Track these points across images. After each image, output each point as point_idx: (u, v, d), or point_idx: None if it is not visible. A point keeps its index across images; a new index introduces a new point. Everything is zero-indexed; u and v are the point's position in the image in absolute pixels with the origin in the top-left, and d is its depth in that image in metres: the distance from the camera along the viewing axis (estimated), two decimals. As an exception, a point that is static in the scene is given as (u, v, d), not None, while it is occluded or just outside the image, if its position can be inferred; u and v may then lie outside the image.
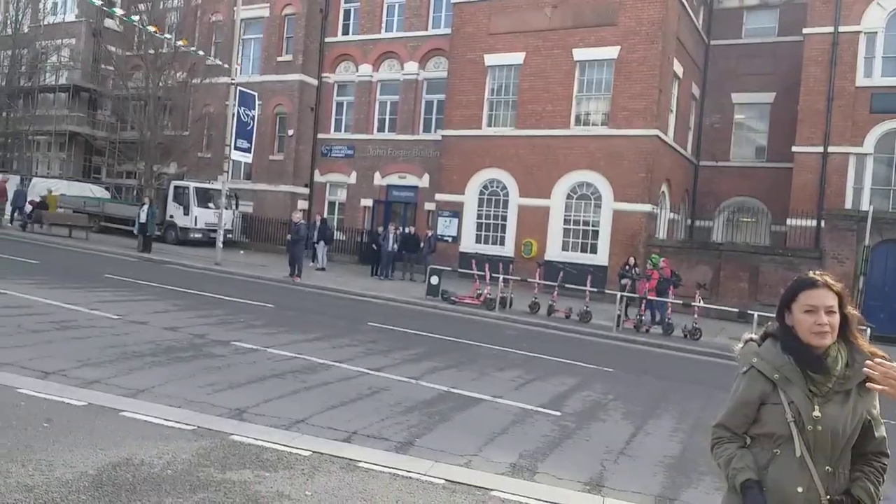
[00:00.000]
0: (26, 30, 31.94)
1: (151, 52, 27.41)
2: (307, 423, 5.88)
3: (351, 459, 4.95)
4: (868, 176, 19.98)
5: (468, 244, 23.36)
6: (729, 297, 18.78)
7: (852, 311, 2.21)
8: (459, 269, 19.55)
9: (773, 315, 2.36)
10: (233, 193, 25.76)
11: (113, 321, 9.53)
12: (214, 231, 22.22)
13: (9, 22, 31.81)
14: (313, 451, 5.03)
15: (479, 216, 23.53)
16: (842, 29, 19.99)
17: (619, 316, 14.63)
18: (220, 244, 20.20)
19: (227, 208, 22.23)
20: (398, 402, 6.89)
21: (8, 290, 10.95)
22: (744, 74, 24.76)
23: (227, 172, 21.24)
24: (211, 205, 25.73)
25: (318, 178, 28.40)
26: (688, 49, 23.57)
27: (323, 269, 21.24)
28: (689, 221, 25.85)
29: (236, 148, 20.42)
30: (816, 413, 2.13)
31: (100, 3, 22.46)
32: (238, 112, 20.44)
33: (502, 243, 23.03)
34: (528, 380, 8.80)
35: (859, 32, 19.90)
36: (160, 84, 27.79)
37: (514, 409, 7.16)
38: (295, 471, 4.62)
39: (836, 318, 2.17)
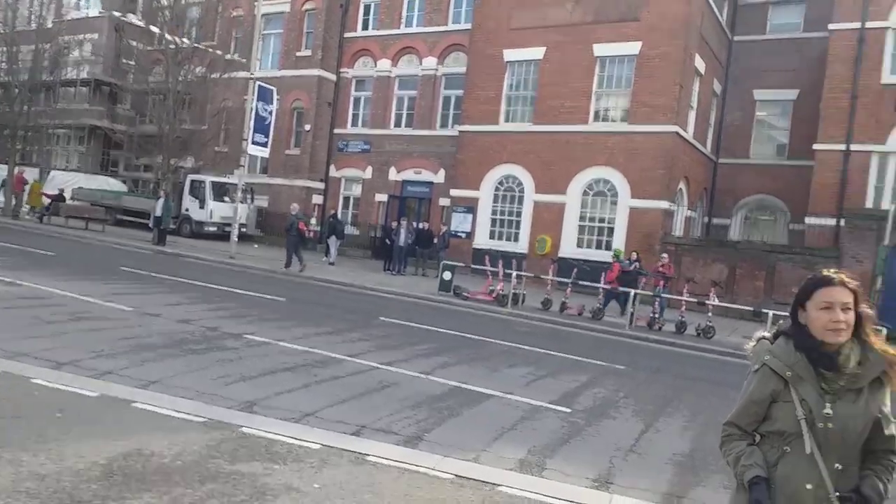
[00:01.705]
0: (50, 25, 32.27)
1: (172, 47, 27.63)
2: (317, 416, 5.90)
3: (360, 453, 4.97)
4: (890, 175, 19.68)
5: (482, 240, 23.32)
6: (744, 295, 18.59)
7: (866, 309, 2.21)
8: (472, 266, 19.54)
9: (788, 314, 2.35)
10: (248, 188, 25.94)
11: (127, 313, 9.63)
12: (229, 225, 22.42)
13: (33, 17, 32.16)
14: (322, 445, 5.05)
15: (494, 212, 23.49)
16: (869, 25, 19.66)
17: (631, 314, 14.54)
18: (234, 238, 20.34)
19: (242, 202, 22.40)
20: (408, 397, 6.89)
21: (24, 282, 11.11)
22: (767, 71, 24.43)
23: (244, 167, 21.37)
24: (226, 199, 25.90)
25: (333, 172, 28.49)
26: (710, 45, 23.32)
27: (333, 263, 21.32)
28: (706, 219, 25.63)
29: (253, 142, 20.55)
30: (828, 411, 2.14)
31: None
32: (256, 107, 20.56)
33: (516, 240, 22.98)
34: (539, 376, 8.77)
35: (887, 28, 19.56)
36: (180, 78, 27.99)
37: (524, 406, 7.14)
38: (304, 464, 4.64)
39: (852, 316, 2.17)
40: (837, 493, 2.11)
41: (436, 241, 21.35)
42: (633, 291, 14.80)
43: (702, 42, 22.26)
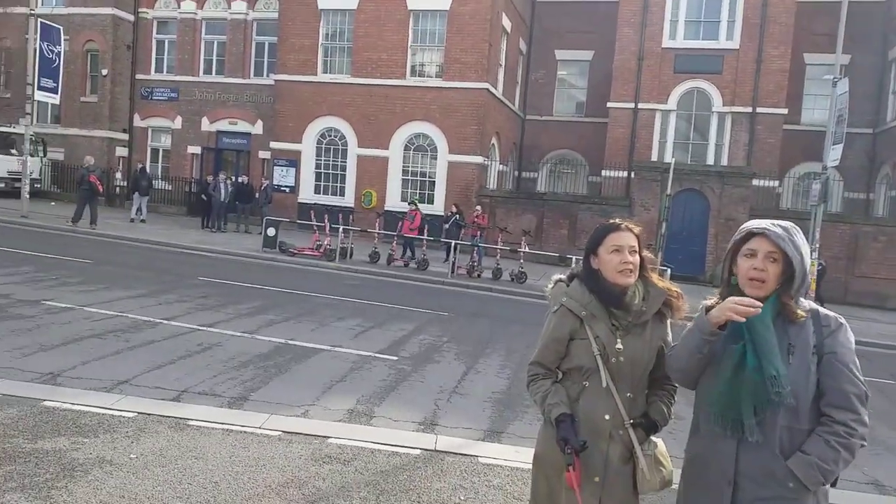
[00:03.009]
0: None
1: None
2: (131, 383, 5.60)
3: (180, 418, 4.82)
4: (671, 131, 22.18)
5: (307, 195, 22.84)
6: (551, 243, 20.18)
7: (646, 252, 2.45)
8: (298, 221, 19.16)
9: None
10: (39, 139, 23.14)
11: None
12: (19, 181, 19.91)
13: None
14: (139, 413, 4.83)
15: (318, 166, 23.05)
16: (653, -9, 21.62)
17: (452, 263, 15.22)
18: (25, 195, 18.22)
19: (32, 155, 19.98)
20: (232, 358, 6.74)
21: None
22: (567, 32, 26.01)
23: (31, 115, 18.97)
24: (13, 151, 22.92)
25: (137, 122, 26.12)
26: (516, 4, 24.27)
27: (144, 220, 19.83)
28: (516, 173, 27.08)
29: (40, 88, 18.28)
30: (619, 346, 2.34)
31: None
32: (41, 47, 18.22)
33: (342, 194, 22.80)
34: (367, 327, 8.95)
35: (668, -5, 21.63)
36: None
37: (353, 357, 7.29)
38: (118, 434, 4.42)
39: (637, 258, 2.38)
40: (631, 421, 2.35)
41: (257, 195, 20.54)
42: (453, 242, 15.45)
43: (508, 1, 23.10)
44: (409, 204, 18.31)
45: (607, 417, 2.33)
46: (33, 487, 3.59)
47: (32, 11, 18.84)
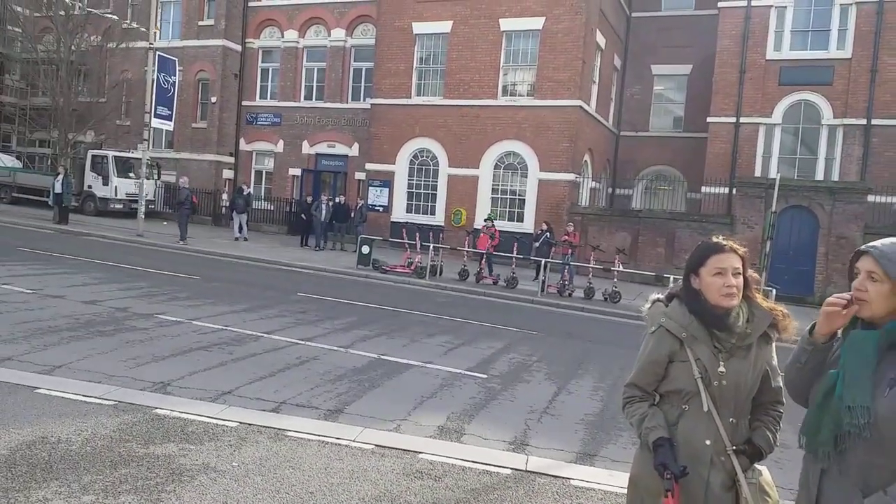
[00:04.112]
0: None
1: (62, 13, 25.80)
2: (234, 394, 5.85)
3: (279, 429, 4.97)
4: (776, 145, 21.10)
5: (399, 213, 23.35)
6: (647, 261, 19.59)
7: (751, 272, 2.35)
8: (390, 239, 19.59)
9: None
10: (154, 163, 24.85)
11: (26, 296, 9.14)
12: (136, 202, 21.47)
13: None
14: (240, 423, 5.02)
15: (410, 185, 23.52)
16: (755, 3, 20.78)
17: (543, 281, 15.06)
18: (141, 215, 19.58)
19: (148, 178, 21.49)
20: (328, 371, 6.92)
21: None
22: (663, 47, 25.43)
23: (148, 141, 20.45)
24: (132, 174, 24.75)
25: (243, 146, 27.62)
26: (610, 21, 23.98)
27: (246, 238, 20.83)
28: (610, 190, 26.58)
29: (156, 115, 19.68)
30: (721, 368, 2.26)
31: None
32: (158, 78, 19.65)
33: (433, 212, 23.13)
34: (457, 345, 8.98)
35: (770, 7, 20.74)
36: (73, 48, 26.26)
37: (443, 374, 7.32)
38: (221, 442, 4.61)
39: (741, 280, 2.29)
40: (734, 447, 2.25)
41: (353, 215, 21.20)
42: (543, 260, 15.30)
43: (602, 17, 22.85)
44: (485, 220, 18.28)
45: (708, 443, 2.25)
46: (145, 490, 3.79)
47: (151, 45, 20.33)
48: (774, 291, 13.55)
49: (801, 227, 18.29)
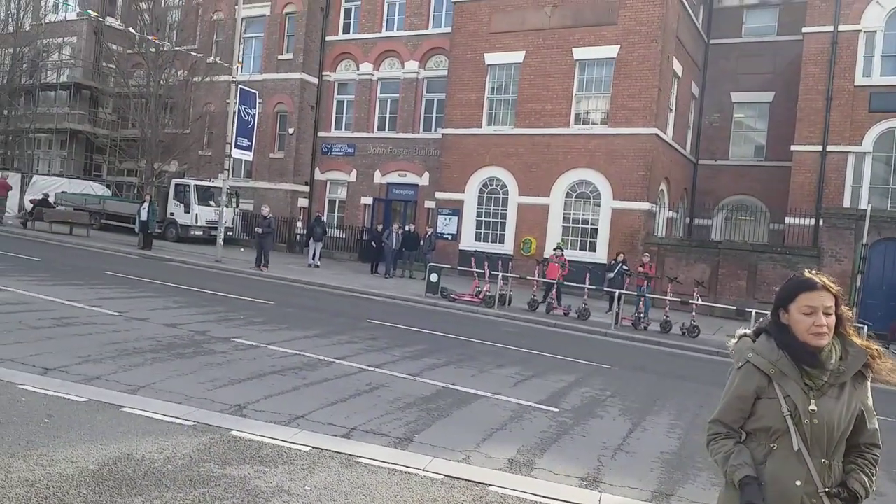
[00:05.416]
0: (28, 28, 31.93)
1: (153, 50, 27.47)
2: (307, 418, 5.92)
3: (350, 455, 4.99)
4: (866, 174, 20.02)
5: (468, 242, 23.41)
6: (727, 294, 18.85)
7: (846, 310, 2.24)
8: (459, 267, 19.62)
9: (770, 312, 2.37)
10: (233, 191, 25.85)
11: (114, 318, 9.57)
12: (215, 229, 22.35)
13: (10, 20, 31.82)
14: (313, 447, 5.07)
15: (479, 214, 23.59)
16: (841, 28, 20.01)
17: (617, 313, 14.68)
18: (220, 241, 20.28)
19: (227, 206, 22.33)
20: (397, 399, 6.93)
21: (9, 287, 11.00)
22: (743, 74, 24.80)
23: (228, 170, 21.30)
24: (212, 202, 25.81)
25: (318, 176, 28.46)
26: (687, 48, 23.60)
27: (318, 265, 21.29)
28: (687, 220, 25.90)
29: (237, 146, 20.49)
30: (812, 407, 2.15)
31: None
32: (239, 110, 20.50)
33: (502, 241, 23.08)
34: (527, 376, 8.84)
35: (859, 31, 19.92)
36: (161, 82, 27.87)
37: (513, 406, 7.20)
38: (294, 466, 4.66)
39: (833, 319, 2.18)
40: (826, 489, 2.13)
41: (422, 243, 21.41)
42: (617, 291, 14.94)
43: (679, 45, 22.51)
44: (554, 249, 18.05)
45: (798, 483, 2.13)
46: (220, 510, 3.86)
47: (234, 79, 21.31)
48: (866, 329, 12.78)
49: (894, 260, 17.25)
